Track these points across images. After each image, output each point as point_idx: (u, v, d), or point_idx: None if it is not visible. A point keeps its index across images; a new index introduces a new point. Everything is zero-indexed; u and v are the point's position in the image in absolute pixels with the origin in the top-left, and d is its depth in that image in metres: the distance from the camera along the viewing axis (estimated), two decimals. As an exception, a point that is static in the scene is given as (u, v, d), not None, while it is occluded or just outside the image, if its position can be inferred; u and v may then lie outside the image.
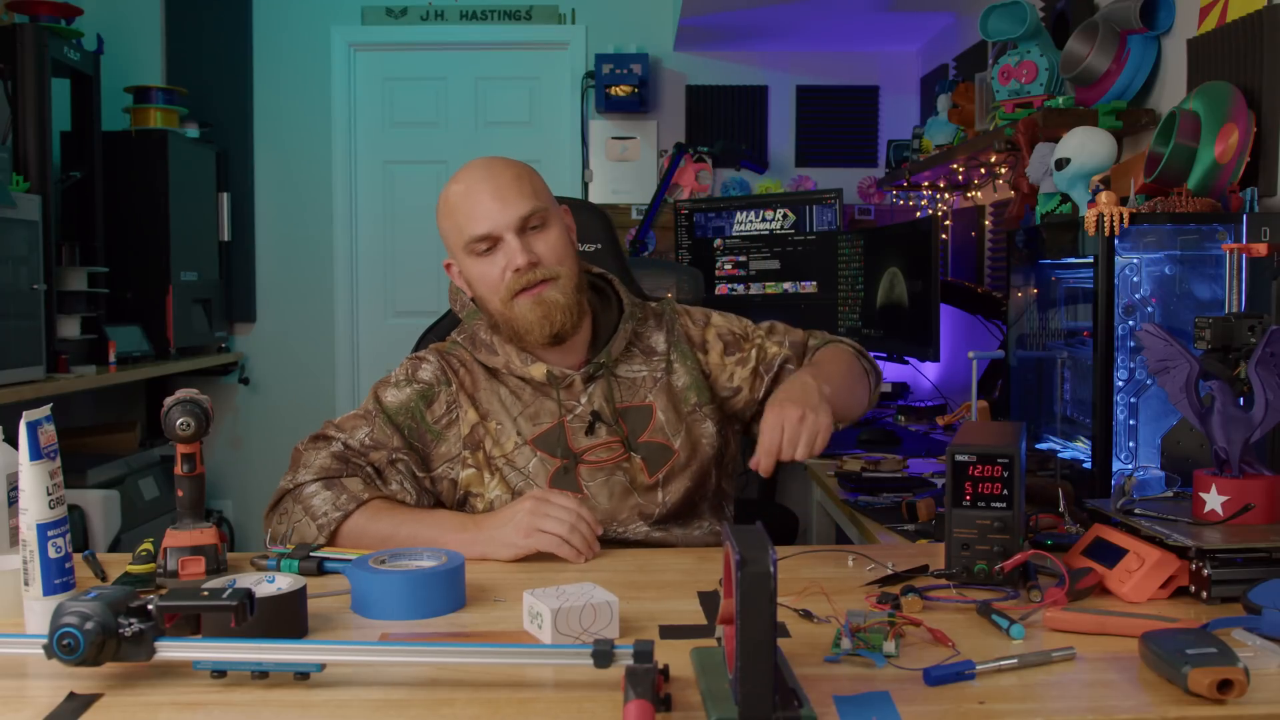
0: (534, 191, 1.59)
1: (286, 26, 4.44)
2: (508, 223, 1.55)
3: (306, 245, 4.50)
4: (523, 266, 1.55)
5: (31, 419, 1.11)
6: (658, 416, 1.66)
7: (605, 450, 1.62)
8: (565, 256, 1.60)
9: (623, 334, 1.67)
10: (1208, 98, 2.02)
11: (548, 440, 1.62)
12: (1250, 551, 1.21)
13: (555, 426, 1.62)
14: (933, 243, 2.96)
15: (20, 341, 2.90)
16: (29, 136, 3.09)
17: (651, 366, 1.69)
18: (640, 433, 1.65)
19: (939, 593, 1.25)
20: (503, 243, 1.56)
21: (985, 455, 1.26)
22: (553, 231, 1.59)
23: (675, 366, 1.70)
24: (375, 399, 1.66)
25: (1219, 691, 0.93)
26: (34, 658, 1.01)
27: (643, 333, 1.71)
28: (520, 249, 1.55)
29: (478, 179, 1.58)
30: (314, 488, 1.53)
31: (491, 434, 1.62)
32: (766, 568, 0.85)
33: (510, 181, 1.58)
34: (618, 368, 1.67)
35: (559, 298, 1.57)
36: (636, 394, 1.67)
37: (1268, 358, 1.28)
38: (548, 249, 1.58)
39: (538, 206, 1.57)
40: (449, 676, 1.01)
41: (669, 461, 1.64)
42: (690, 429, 1.67)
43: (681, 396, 1.68)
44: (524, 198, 1.57)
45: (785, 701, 0.89)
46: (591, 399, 1.64)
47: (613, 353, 1.65)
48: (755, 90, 4.49)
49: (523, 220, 1.56)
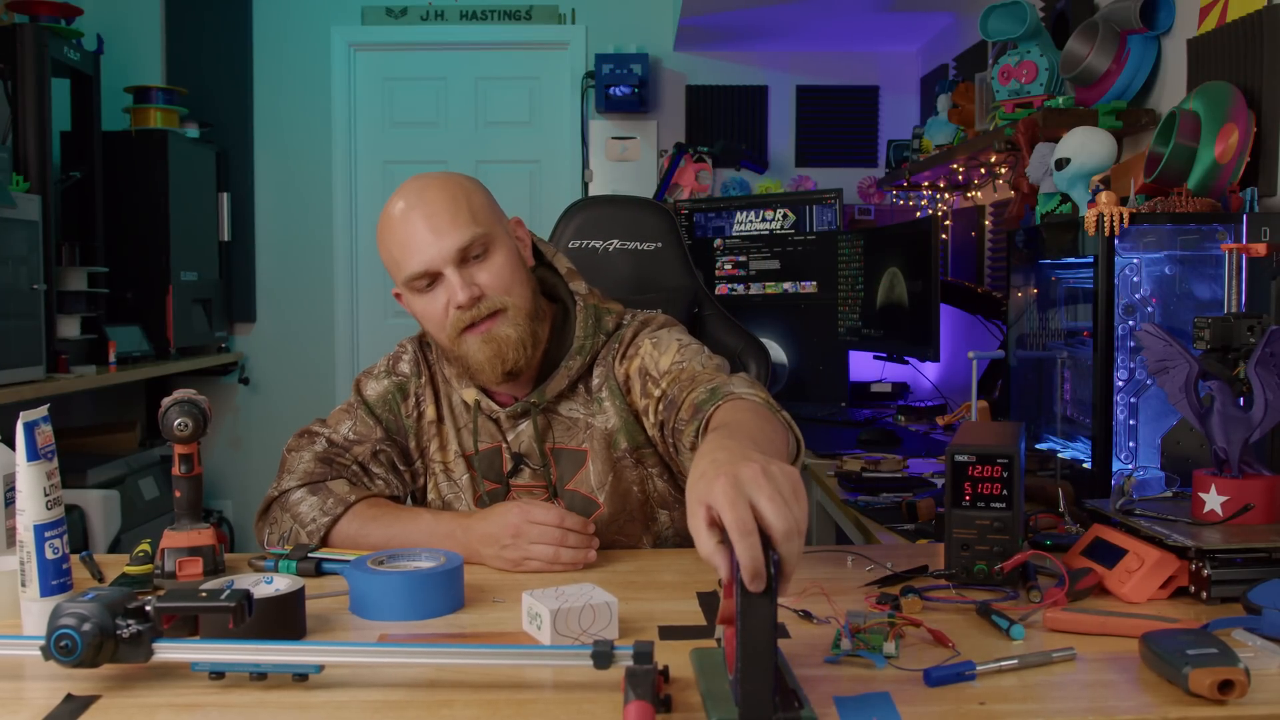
0: (471, 216, 1.45)
1: (286, 26, 4.44)
2: (444, 256, 1.43)
3: (306, 245, 4.50)
4: (465, 303, 1.44)
5: (29, 419, 1.11)
6: (589, 465, 1.55)
7: (528, 494, 1.56)
8: (513, 283, 1.47)
9: (563, 373, 1.54)
10: (1208, 98, 2.01)
11: (486, 460, 1.58)
12: (1250, 551, 1.20)
13: (494, 449, 1.57)
14: (933, 243, 2.96)
15: (20, 341, 2.90)
16: (29, 136, 3.09)
17: (589, 409, 1.57)
18: (569, 479, 1.56)
19: (938, 593, 1.25)
20: (442, 278, 1.45)
21: (985, 455, 1.26)
22: (497, 258, 1.46)
23: (605, 405, 1.56)
24: (357, 391, 1.64)
25: (1220, 692, 0.93)
26: (31, 659, 1.01)
27: (594, 367, 1.58)
28: (461, 284, 1.43)
29: (410, 209, 1.45)
30: (299, 494, 1.52)
31: (441, 436, 1.60)
32: (768, 568, 0.85)
33: (444, 208, 1.44)
34: (559, 405, 1.56)
35: (509, 332, 1.46)
36: (574, 437, 1.56)
37: (1267, 358, 1.27)
38: (491, 278, 1.45)
39: (476, 233, 1.44)
40: (448, 678, 1.01)
41: (592, 515, 1.53)
42: (619, 479, 1.55)
43: (613, 441, 1.55)
44: (459, 226, 1.43)
45: (786, 702, 0.89)
46: (519, 438, 1.56)
47: (547, 393, 1.53)
48: (755, 90, 4.49)
49: (461, 251, 1.43)
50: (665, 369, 1.49)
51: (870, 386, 3.80)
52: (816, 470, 2.63)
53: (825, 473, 2.55)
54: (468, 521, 1.45)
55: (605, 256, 1.99)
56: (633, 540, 1.59)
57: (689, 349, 1.52)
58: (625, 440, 1.55)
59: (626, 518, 1.57)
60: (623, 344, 1.57)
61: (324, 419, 1.63)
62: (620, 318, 1.61)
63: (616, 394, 1.55)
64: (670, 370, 1.48)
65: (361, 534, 1.47)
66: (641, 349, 1.54)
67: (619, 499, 1.56)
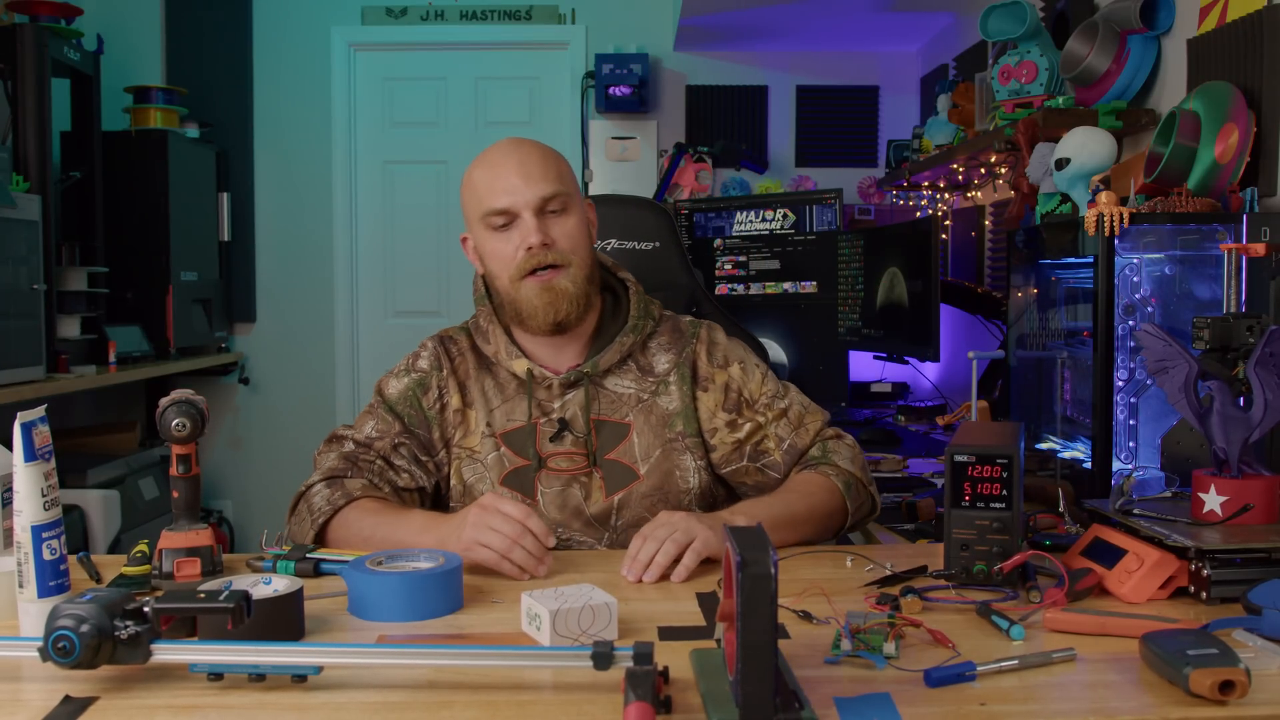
0: (559, 175, 1.57)
1: (286, 26, 4.43)
2: (527, 201, 1.54)
3: (306, 245, 4.50)
4: (535, 246, 1.54)
5: (26, 420, 1.11)
6: (632, 437, 1.60)
7: (567, 460, 1.60)
8: (580, 246, 1.58)
9: (617, 347, 1.62)
10: (1208, 98, 2.01)
11: (516, 438, 1.60)
12: (1249, 552, 1.20)
13: (527, 426, 1.60)
14: (933, 243, 2.96)
15: (20, 341, 2.90)
16: (29, 136, 3.09)
17: (641, 385, 1.63)
18: (609, 449, 1.60)
19: (938, 593, 1.24)
20: (519, 220, 1.55)
21: (984, 455, 1.25)
22: (571, 219, 1.58)
23: (671, 389, 1.63)
24: (378, 392, 1.68)
25: (1220, 692, 0.93)
26: (29, 660, 1.01)
27: (649, 347, 1.66)
28: (536, 228, 1.54)
29: (506, 154, 1.58)
30: (318, 487, 1.55)
31: (467, 422, 1.63)
32: (767, 569, 0.85)
33: (537, 161, 1.57)
34: (605, 379, 1.63)
35: (568, 286, 1.55)
36: (617, 410, 1.62)
37: (1267, 358, 1.27)
38: (563, 235, 1.56)
39: (560, 190, 1.56)
40: (447, 679, 1.01)
41: (629, 485, 1.59)
42: (666, 457, 1.61)
43: (667, 421, 1.62)
44: (548, 180, 1.56)
45: (786, 703, 0.89)
46: (567, 405, 1.61)
47: (600, 364, 1.61)
48: (755, 90, 4.49)
49: (543, 200, 1.55)
50: (758, 398, 1.64)
51: (870, 386, 3.80)
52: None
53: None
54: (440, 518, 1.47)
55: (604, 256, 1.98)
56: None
57: (772, 380, 1.67)
58: (683, 424, 1.62)
59: (661, 496, 1.60)
60: (701, 341, 1.67)
61: (350, 424, 1.67)
62: (661, 310, 1.72)
63: (688, 382, 1.64)
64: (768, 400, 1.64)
65: (355, 523, 1.50)
66: (732, 366, 1.66)
67: (661, 475, 1.60)
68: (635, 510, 1.58)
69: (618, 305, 1.68)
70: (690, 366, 1.65)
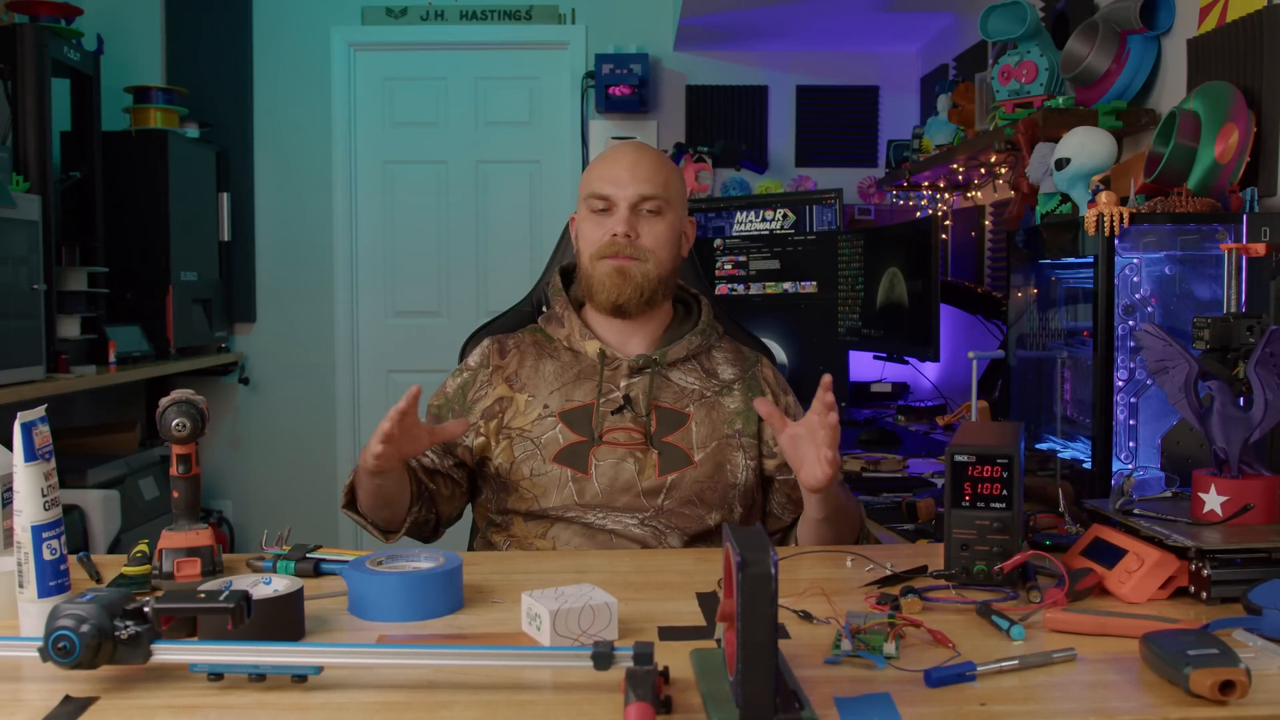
0: (665, 182, 1.69)
1: (286, 26, 4.43)
2: (626, 194, 1.67)
3: (306, 245, 4.50)
4: (620, 235, 1.66)
5: (26, 420, 1.11)
6: (690, 426, 1.67)
7: (625, 434, 1.66)
8: (662, 248, 1.68)
9: (685, 342, 1.72)
10: (1208, 98, 2.01)
11: (575, 416, 1.66)
12: (1250, 552, 1.20)
13: (587, 406, 1.66)
14: (933, 243, 2.96)
15: (20, 341, 2.90)
16: (29, 136, 3.09)
17: (705, 384, 1.72)
18: (666, 434, 1.66)
19: (938, 593, 1.25)
20: (615, 209, 1.67)
21: (984, 455, 1.25)
22: (663, 222, 1.69)
23: (735, 393, 1.72)
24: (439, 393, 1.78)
25: (1221, 693, 0.93)
26: (29, 660, 1.01)
27: (714, 355, 1.76)
28: (626, 220, 1.66)
29: (625, 150, 1.72)
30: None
31: (517, 405, 1.69)
32: (767, 569, 0.85)
33: (649, 164, 1.69)
34: (670, 371, 1.71)
35: (638, 275, 1.66)
36: (679, 401, 1.69)
37: (1267, 358, 1.27)
38: (650, 234, 1.67)
39: (660, 194, 1.67)
40: (447, 679, 1.01)
41: (683, 469, 1.65)
42: (721, 450, 1.67)
43: (727, 418, 1.70)
44: (652, 182, 1.67)
45: (786, 704, 0.89)
46: (632, 388, 1.68)
47: (669, 354, 1.70)
48: (755, 90, 4.49)
49: (641, 198, 1.67)
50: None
51: (870, 386, 3.80)
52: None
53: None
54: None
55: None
56: (705, 510, 1.65)
57: None
58: (742, 424, 1.70)
59: (711, 485, 1.65)
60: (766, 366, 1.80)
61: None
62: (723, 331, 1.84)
63: (754, 391, 1.73)
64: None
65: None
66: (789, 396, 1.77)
67: (714, 465, 1.66)
68: (685, 493, 1.64)
69: (689, 314, 1.80)
70: (756, 382, 1.76)
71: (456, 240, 4.51)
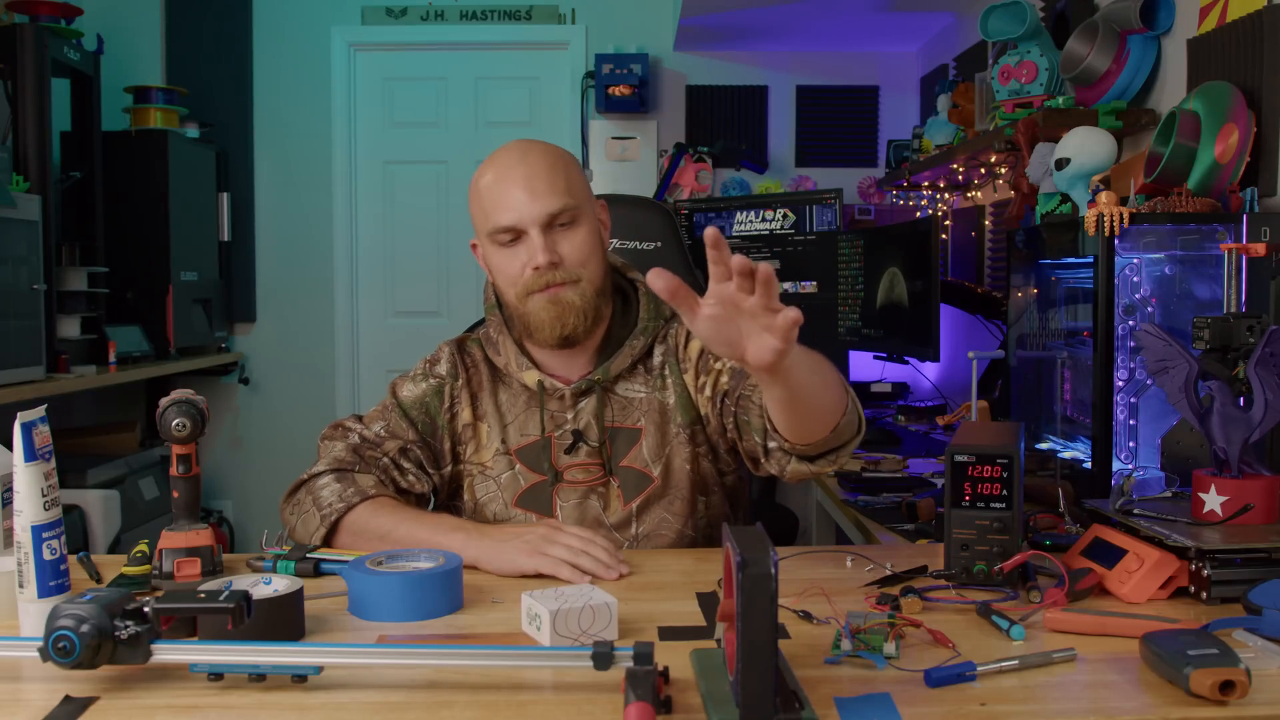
0: (567, 186, 1.51)
1: (286, 26, 4.43)
2: (534, 217, 1.49)
3: (306, 245, 4.50)
4: (543, 266, 1.49)
5: (26, 420, 1.11)
6: (642, 442, 1.58)
7: (583, 471, 1.58)
8: (590, 258, 1.53)
9: (627, 352, 1.59)
10: (1208, 98, 2.01)
11: (531, 453, 1.59)
12: (1250, 552, 1.20)
13: (540, 440, 1.58)
14: (933, 243, 2.96)
15: (20, 341, 2.90)
16: (29, 136, 3.09)
17: (650, 385, 1.61)
18: (623, 456, 1.58)
19: (938, 593, 1.24)
20: (527, 237, 1.50)
21: (984, 455, 1.25)
22: (581, 231, 1.53)
23: (667, 381, 1.61)
24: (392, 394, 1.65)
25: (1221, 693, 0.93)
26: (29, 660, 1.01)
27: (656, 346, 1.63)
28: (543, 247, 1.49)
29: (512, 164, 1.52)
30: (326, 479, 1.52)
31: (478, 437, 1.61)
32: (767, 569, 0.85)
33: (544, 172, 1.51)
34: (616, 385, 1.60)
35: (575, 300, 1.51)
36: (630, 415, 1.60)
37: (1267, 358, 1.27)
38: (572, 249, 1.51)
39: (569, 204, 1.50)
40: (447, 679, 1.01)
41: (645, 490, 1.58)
42: (671, 454, 1.59)
43: (670, 416, 1.60)
44: (555, 193, 1.50)
45: (786, 704, 0.89)
46: (580, 416, 1.59)
47: (611, 370, 1.59)
48: (755, 90, 4.49)
49: (550, 216, 1.50)
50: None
51: (870, 386, 3.80)
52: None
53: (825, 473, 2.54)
54: (485, 525, 1.48)
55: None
56: (679, 522, 1.59)
57: None
58: (680, 415, 1.59)
59: (676, 494, 1.59)
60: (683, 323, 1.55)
61: (360, 415, 1.64)
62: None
63: (676, 370, 1.61)
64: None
65: (371, 520, 1.47)
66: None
67: (671, 474, 1.59)
68: (654, 514, 1.58)
69: (628, 308, 1.64)
70: (675, 352, 1.62)
71: (456, 240, 4.51)
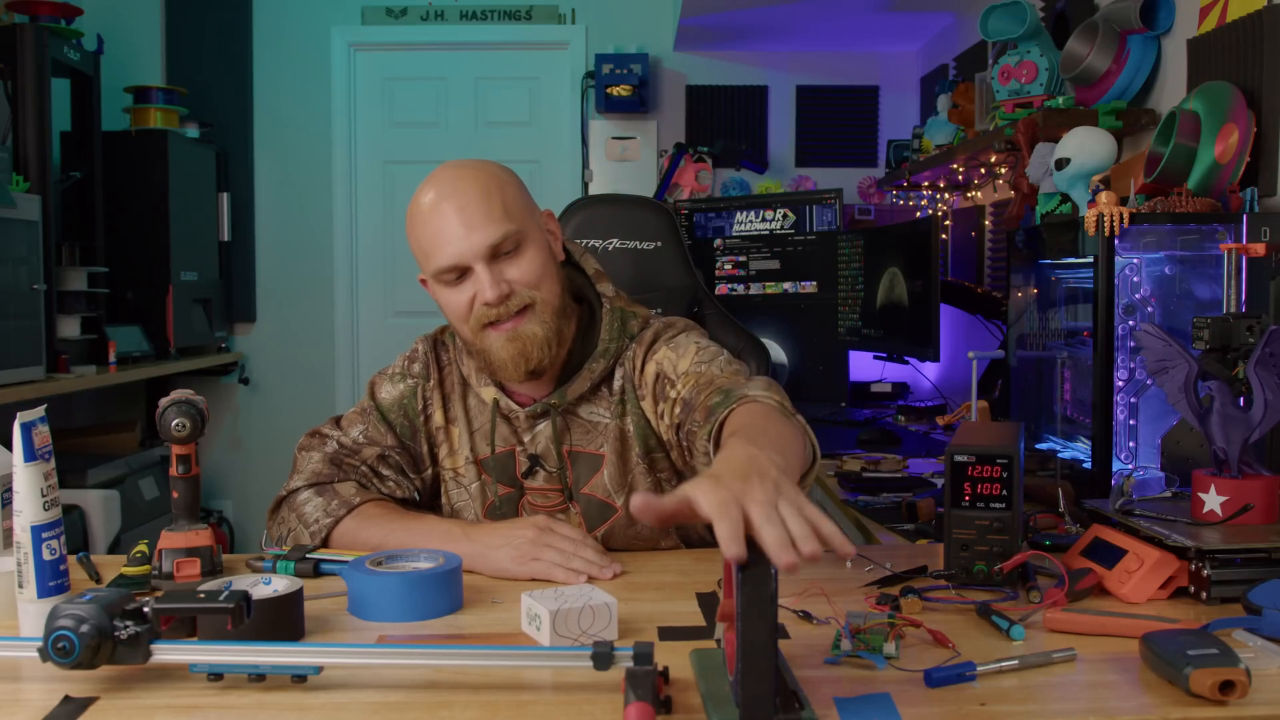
0: (505, 211, 1.41)
1: (286, 26, 4.43)
2: (475, 252, 1.40)
3: (306, 245, 4.50)
4: (493, 300, 1.40)
5: (25, 420, 1.11)
6: (604, 470, 1.51)
7: (543, 496, 1.54)
8: (542, 279, 1.44)
9: (585, 375, 1.50)
10: (1208, 98, 2.01)
11: (498, 464, 1.55)
12: (1249, 552, 1.20)
13: (509, 453, 1.54)
14: (933, 243, 2.96)
15: (20, 341, 2.90)
16: (29, 136, 3.09)
17: (612, 411, 1.53)
18: (584, 483, 1.52)
19: (938, 593, 1.24)
20: (471, 272, 1.41)
21: (984, 456, 1.25)
22: (528, 253, 1.43)
23: (627, 408, 1.52)
24: (370, 395, 1.61)
25: (1221, 692, 0.93)
26: (29, 660, 1.01)
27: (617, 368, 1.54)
28: (490, 281, 1.40)
29: (443, 195, 1.42)
30: (306, 494, 1.50)
31: (450, 439, 1.58)
32: (767, 569, 0.85)
33: (478, 201, 1.40)
34: (580, 408, 1.52)
35: (535, 330, 1.43)
36: (593, 440, 1.52)
37: (1266, 358, 1.27)
38: (521, 274, 1.42)
39: (509, 230, 1.41)
40: (447, 679, 1.01)
41: (609, 520, 1.52)
42: (634, 484, 1.52)
43: (630, 445, 1.52)
44: (491, 222, 1.40)
45: (786, 704, 0.89)
46: (537, 439, 1.53)
47: (568, 394, 1.50)
48: (755, 90, 4.49)
49: (492, 248, 1.40)
50: (683, 371, 1.45)
51: (870, 386, 3.80)
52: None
53: (825, 473, 2.54)
54: (476, 525, 1.45)
55: (605, 256, 1.99)
56: (649, 546, 1.55)
57: (706, 351, 1.48)
58: (639, 444, 1.52)
59: (641, 526, 1.52)
60: (643, 345, 1.52)
61: (338, 419, 1.61)
62: (645, 321, 1.57)
63: (634, 397, 1.52)
64: (689, 372, 1.44)
65: (361, 532, 1.45)
66: (659, 353, 1.50)
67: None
68: (621, 541, 1.52)
69: (593, 320, 1.55)
70: (632, 378, 1.53)
71: (456, 240, 4.50)
